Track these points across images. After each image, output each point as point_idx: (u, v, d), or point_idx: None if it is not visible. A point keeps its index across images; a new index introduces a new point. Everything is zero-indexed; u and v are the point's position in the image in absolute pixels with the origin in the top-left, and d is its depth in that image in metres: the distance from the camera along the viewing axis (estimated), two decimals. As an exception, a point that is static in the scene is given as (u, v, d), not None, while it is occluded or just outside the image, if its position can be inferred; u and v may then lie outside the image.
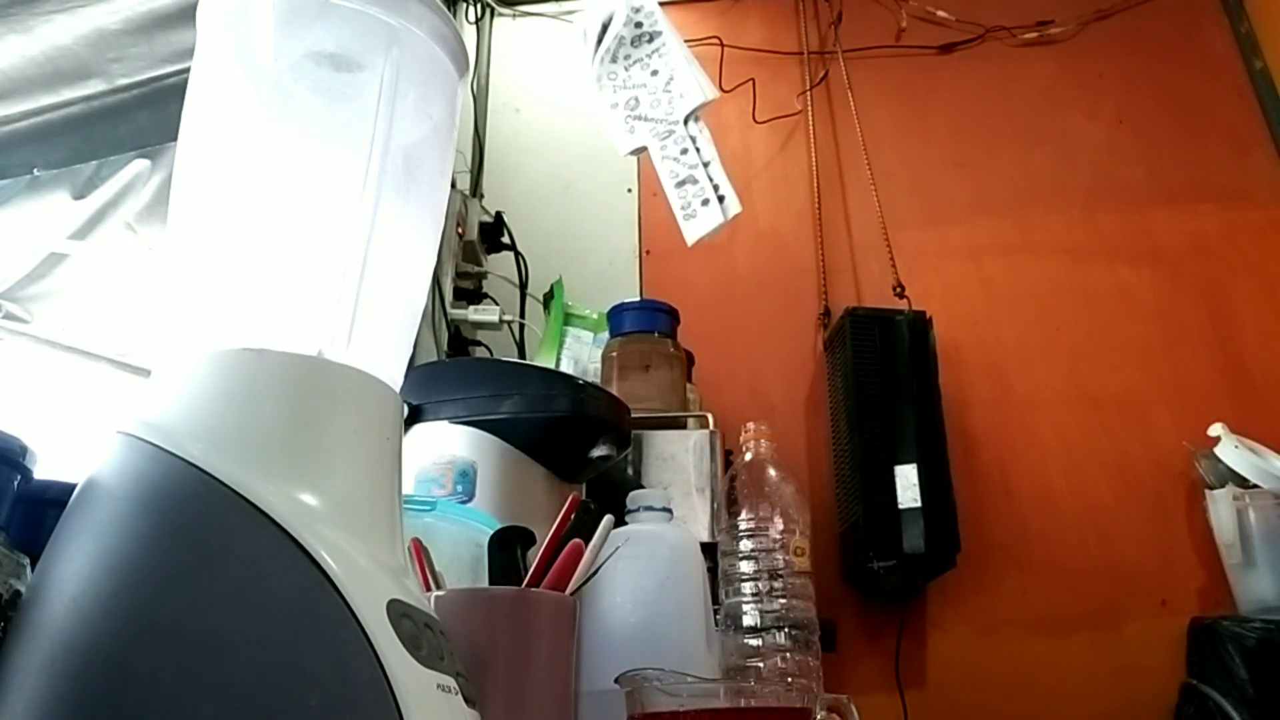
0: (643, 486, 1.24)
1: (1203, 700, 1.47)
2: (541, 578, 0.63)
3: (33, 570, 0.42)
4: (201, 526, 0.41)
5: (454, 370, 1.16)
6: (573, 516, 0.67)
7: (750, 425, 0.98)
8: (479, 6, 2.35)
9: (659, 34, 1.13)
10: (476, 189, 2.11)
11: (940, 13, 2.21)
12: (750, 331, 1.95)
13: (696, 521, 1.22)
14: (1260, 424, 1.67)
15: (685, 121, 1.09)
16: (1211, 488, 1.61)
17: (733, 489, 0.94)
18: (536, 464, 0.95)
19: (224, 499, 0.41)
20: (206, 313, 0.51)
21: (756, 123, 2.12)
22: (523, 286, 1.86)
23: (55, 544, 0.42)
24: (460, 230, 1.75)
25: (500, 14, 2.37)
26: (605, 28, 1.13)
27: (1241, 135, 2.03)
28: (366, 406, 0.49)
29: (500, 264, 1.89)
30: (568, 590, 0.64)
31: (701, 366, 1.62)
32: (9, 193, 1.07)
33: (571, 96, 2.18)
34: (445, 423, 0.92)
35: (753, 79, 2.11)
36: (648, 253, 2.05)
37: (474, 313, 1.70)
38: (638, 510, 0.84)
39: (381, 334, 0.53)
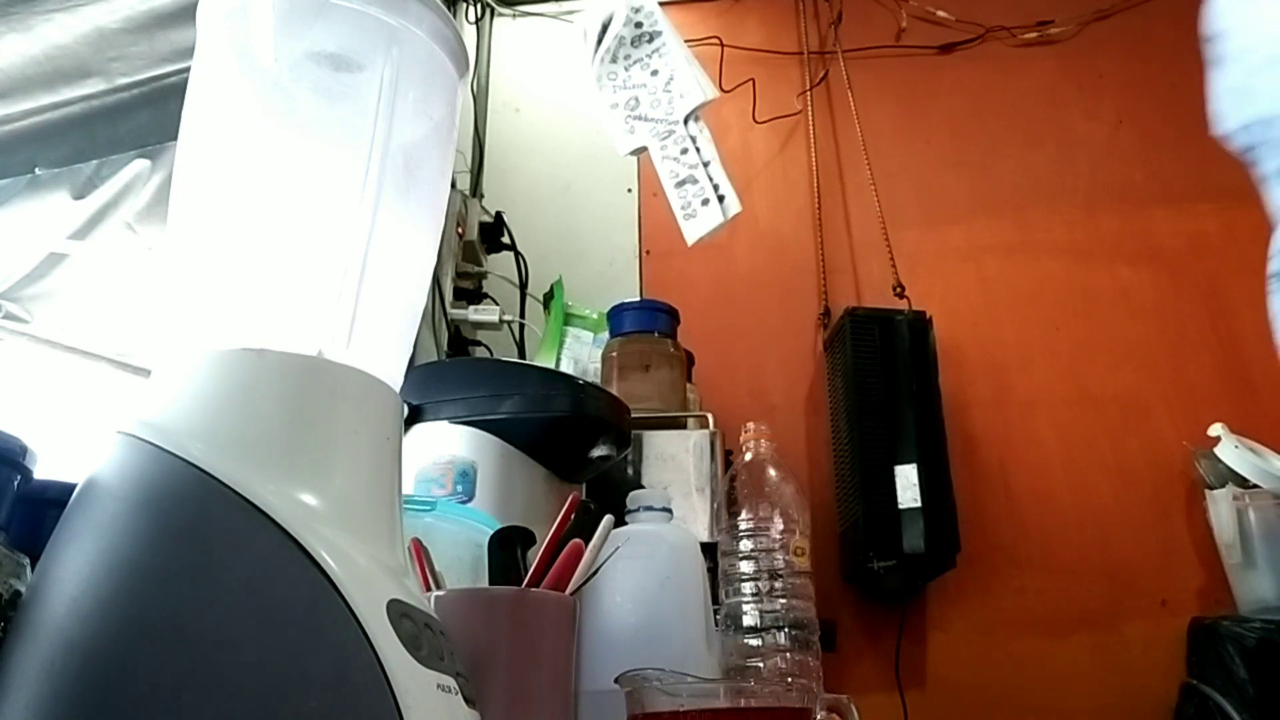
0: (643, 486, 1.24)
1: (1203, 700, 1.47)
2: (541, 578, 0.63)
3: (33, 570, 0.42)
4: (202, 527, 0.41)
5: (454, 370, 1.16)
6: (573, 516, 0.67)
7: (750, 425, 0.97)
8: (479, 6, 2.35)
9: (659, 34, 1.13)
10: (476, 189, 2.11)
11: (940, 13, 2.21)
12: (750, 331, 1.95)
13: (696, 521, 1.22)
14: (1260, 424, 1.67)
15: (685, 121, 1.09)
16: (1211, 488, 1.61)
17: (733, 489, 0.94)
18: (536, 464, 0.95)
19: (224, 499, 0.41)
20: (206, 313, 0.51)
21: (756, 123, 2.12)
22: (523, 286, 1.86)
23: (55, 544, 0.42)
24: (460, 230, 1.75)
25: (500, 14, 2.37)
26: (605, 28, 1.13)
27: (1241, 135, 2.02)
28: (366, 406, 0.49)
29: (500, 264, 1.89)
30: (568, 590, 0.64)
31: (701, 366, 1.62)
32: (9, 193, 1.07)
33: (571, 96, 2.18)
34: (445, 423, 0.92)
35: (753, 79, 2.11)
36: (648, 253, 2.05)
37: (474, 313, 1.70)
38: (638, 510, 0.84)
39: (381, 334, 0.53)
